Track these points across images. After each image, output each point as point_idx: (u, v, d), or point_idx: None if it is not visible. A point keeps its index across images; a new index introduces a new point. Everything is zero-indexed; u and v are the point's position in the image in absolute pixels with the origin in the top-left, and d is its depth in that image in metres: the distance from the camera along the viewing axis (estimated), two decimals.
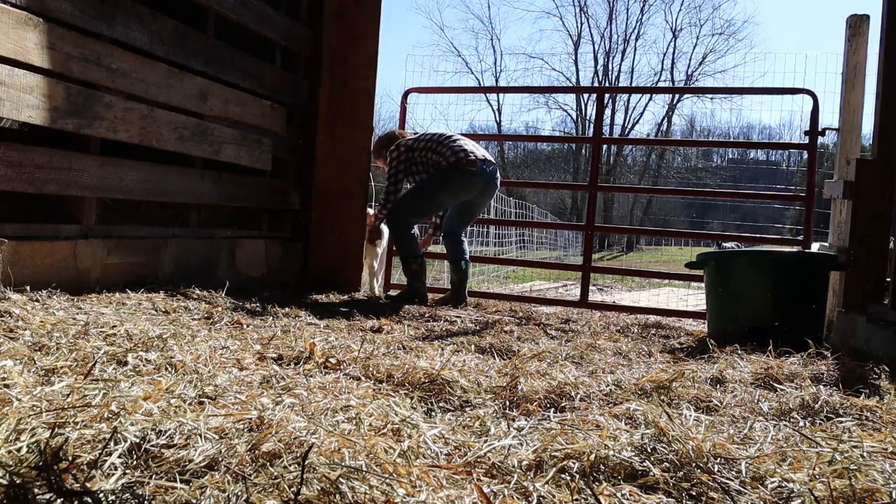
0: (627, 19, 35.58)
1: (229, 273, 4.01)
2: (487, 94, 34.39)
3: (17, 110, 2.65)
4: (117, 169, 3.22)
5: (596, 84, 33.29)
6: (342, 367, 2.00)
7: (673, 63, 34.18)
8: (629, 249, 29.16)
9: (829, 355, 2.54)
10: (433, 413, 1.66)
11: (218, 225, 4.21)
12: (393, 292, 4.84)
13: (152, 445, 1.14)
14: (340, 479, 1.04)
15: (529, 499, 1.09)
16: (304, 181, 4.70)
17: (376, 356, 2.13)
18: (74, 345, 1.86)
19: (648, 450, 1.28)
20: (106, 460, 1.07)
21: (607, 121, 31.48)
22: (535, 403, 1.76)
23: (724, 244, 14.75)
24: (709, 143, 23.19)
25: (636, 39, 34.49)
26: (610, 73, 33.37)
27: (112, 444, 1.11)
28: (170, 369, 1.75)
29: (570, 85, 33.77)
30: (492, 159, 4.36)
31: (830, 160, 7.61)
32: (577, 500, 1.10)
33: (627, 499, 1.11)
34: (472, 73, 35.22)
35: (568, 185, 22.21)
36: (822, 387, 2.03)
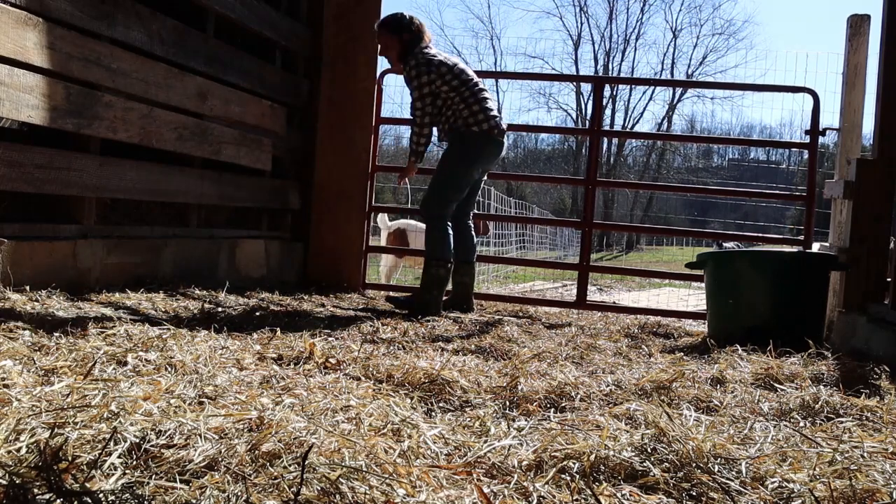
0: (627, 19, 35.57)
1: (229, 273, 4.01)
2: None
3: (17, 110, 2.65)
4: (117, 169, 3.22)
5: None
6: (342, 367, 2.00)
7: (673, 63, 34.19)
8: (629, 249, 29.12)
9: (830, 355, 2.54)
10: (433, 413, 1.66)
11: (218, 225, 4.21)
12: (370, 292, 4.58)
13: (152, 445, 1.14)
14: (340, 479, 1.04)
15: (529, 499, 1.09)
16: (304, 181, 4.70)
17: (376, 356, 2.13)
18: (74, 345, 1.86)
19: (648, 450, 1.28)
20: (106, 460, 1.07)
21: (607, 120, 31.44)
22: (535, 403, 1.76)
23: (724, 244, 14.74)
24: (709, 139, 23.15)
25: (636, 39, 34.52)
26: (610, 72, 33.26)
27: (112, 444, 1.11)
28: (170, 369, 1.75)
29: (569, 85, 33.75)
30: (502, 116, 3.89)
31: (831, 160, 7.60)
32: (577, 500, 1.10)
33: (628, 499, 1.11)
34: None
35: (566, 178, 22.23)
36: (822, 387, 2.03)
